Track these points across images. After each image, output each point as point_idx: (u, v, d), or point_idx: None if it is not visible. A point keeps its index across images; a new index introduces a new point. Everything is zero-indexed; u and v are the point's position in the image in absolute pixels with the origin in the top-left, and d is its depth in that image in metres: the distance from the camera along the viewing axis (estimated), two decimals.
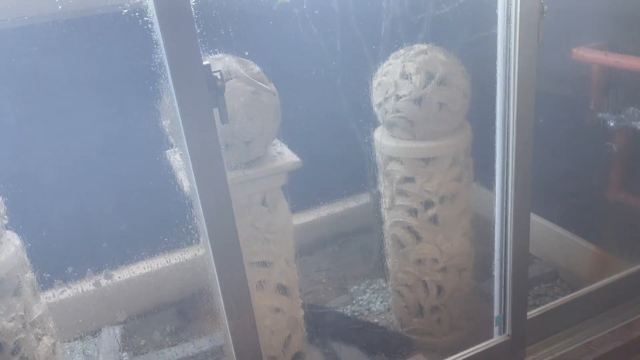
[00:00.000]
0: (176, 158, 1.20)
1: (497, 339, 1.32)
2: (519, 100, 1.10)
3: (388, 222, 1.47)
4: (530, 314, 1.34)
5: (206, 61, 0.83)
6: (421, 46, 1.36)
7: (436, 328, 1.51)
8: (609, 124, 1.55)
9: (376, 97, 1.39)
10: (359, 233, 2.00)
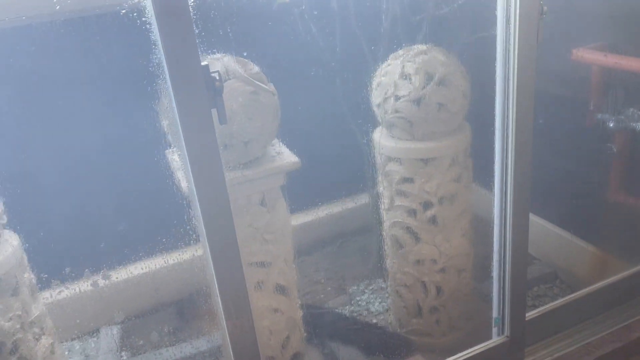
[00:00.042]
0: (174, 158, 1.20)
1: (496, 340, 1.32)
2: (518, 101, 1.10)
3: (387, 223, 1.47)
4: (529, 315, 1.34)
5: (205, 61, 0.83)
6: (420, 47, 1.36)
7: (435, 329, 1.51)
8: (609, 125, 1.55)
9: (375, 98, 1.39)
10: (358, 233, 2.00)
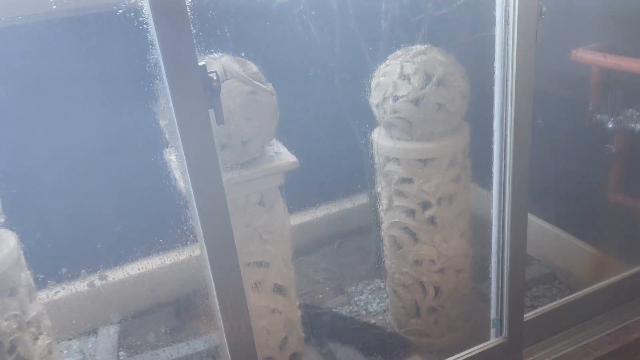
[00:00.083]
0: (171, 158, 1.20)
1: (494, 341, 1.32)
2: (517, 101, 1.10)
3: (386, 223, 1.47)
4: (527, 316, 1.34)
5: (203, 61, 0.83)
6: (420, 47, 1.36)
7: (433, 329, 1.51)
8: (608, 126, 1.54)
9: (374, 98, 1.39)
10: (357, 234, 2.00)
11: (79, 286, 1.44)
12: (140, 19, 0.81)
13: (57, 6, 1.01)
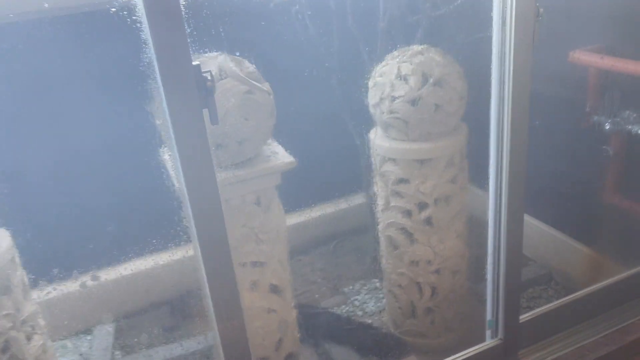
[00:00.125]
0: (165, 159, 1.20)
1: (489, 343, 1.32)
2: (514, 102, 1.10)
3: (382, 223, 1.47)
4: (522, 318, 1.34)
5: (199, 60, 0.82)
6: (417, 47, 1.36)
7: (430, 329, 1.51)
8: (605, 127, 1.54)
9: (372, 98, 1.38)
10: (354, 234, 2.00)
11: (71, 286, 1.43)
12: (133, 18, 0.80)
13: (49, 4, 1.01)
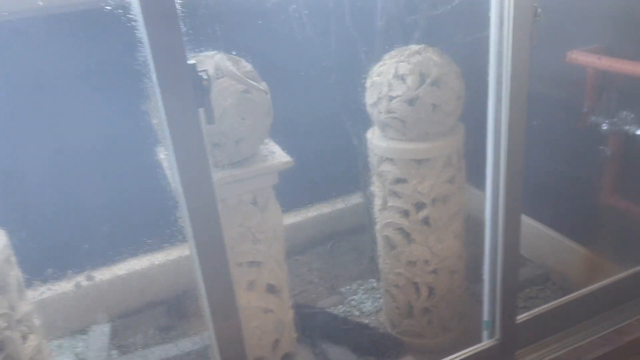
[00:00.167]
0: (161, 158, 1.19)
1: (486, 343, 1.32)
2: (511, 103, 1.09)
3: (380, 223, 1.46)
4: (519, 318, 1.33)
5: (194, 59, 0.82)
6: (415, 47, 1.35)
7: (427, 330, 1.50)
8: (602, 127, 1.54)
9: (369, 98, 1.38)
10: (351, 233, 2.00)
11: (66, 286, 1.43)
12: (128, 16, 0.80)
13: (44, 2, 1.00)
